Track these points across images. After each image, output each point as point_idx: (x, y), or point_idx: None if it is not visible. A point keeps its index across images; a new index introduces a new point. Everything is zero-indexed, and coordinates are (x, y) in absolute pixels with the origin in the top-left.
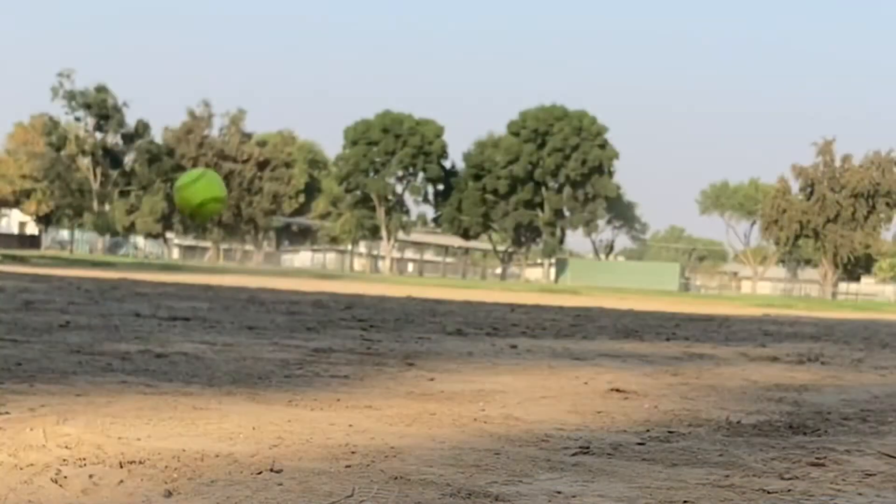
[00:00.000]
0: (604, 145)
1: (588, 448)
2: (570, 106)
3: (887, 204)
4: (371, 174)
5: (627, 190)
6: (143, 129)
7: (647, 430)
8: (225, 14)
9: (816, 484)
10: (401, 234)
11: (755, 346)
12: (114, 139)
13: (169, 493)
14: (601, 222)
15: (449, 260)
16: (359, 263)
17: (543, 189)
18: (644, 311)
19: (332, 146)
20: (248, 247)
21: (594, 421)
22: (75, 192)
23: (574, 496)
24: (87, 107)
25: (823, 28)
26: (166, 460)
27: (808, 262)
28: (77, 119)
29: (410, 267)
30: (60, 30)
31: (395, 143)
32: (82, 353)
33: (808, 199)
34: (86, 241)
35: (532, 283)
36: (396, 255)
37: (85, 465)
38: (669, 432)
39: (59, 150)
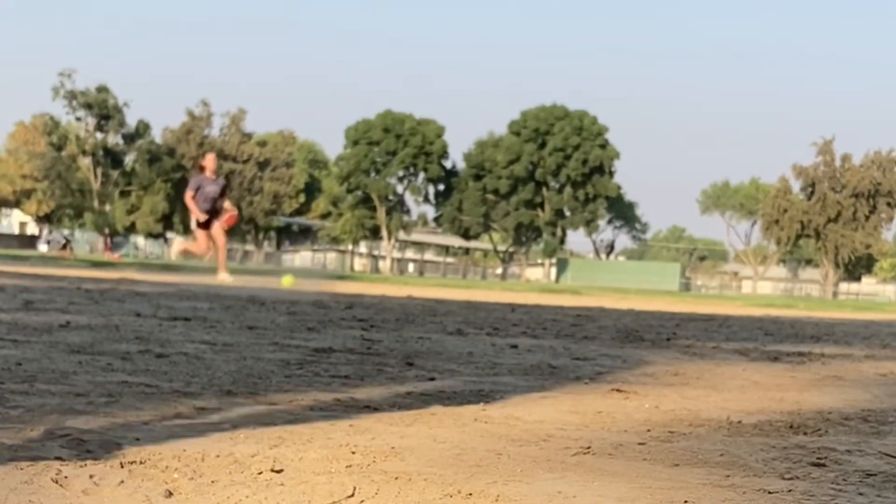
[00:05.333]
0: (604, 145)
1: (589, 448)
2: (570, 106)
3: (888, 204)
4: (372, 174)
5: (628, 190)
6: (143, 129)
7: (648, 430)
8: (225, 14)
9: (817, 484)
10: (401, 234)
11: (755, 346)
12: (114, 139)
13: (169, 493)
14: (602, 222)
15: (449, 260)
16: (359, 263)
17: (544, 189)
18: (644, 311)
19: (332, 146)
20: (249, 247)
21: (595, 421)
22: (76, 192)
23: (574, 496)
24: (88, 107)
25: (824, 28)
26: (166, 460)
27: (808, 261)
28: (78, 119)
29: (411, 267)
30: (61, 30)
31: (396, 143)
32: (82, 353)
33: (809, 198)
34: (86, 241)
35: (532, 282)
36: (397, 255)
37: (85, 465)
38: (670, 432)
39: (59, 149)
